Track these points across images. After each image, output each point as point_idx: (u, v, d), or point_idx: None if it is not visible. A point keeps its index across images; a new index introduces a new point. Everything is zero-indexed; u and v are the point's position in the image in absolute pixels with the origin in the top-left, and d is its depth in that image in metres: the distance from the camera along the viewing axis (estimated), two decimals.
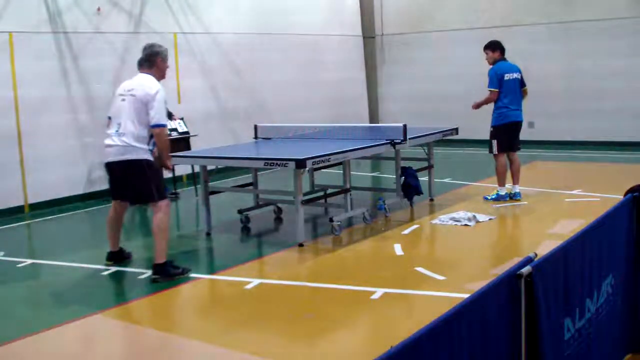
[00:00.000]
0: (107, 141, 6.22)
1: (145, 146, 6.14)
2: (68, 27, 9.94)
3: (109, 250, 6.65)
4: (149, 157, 6.18)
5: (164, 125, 6.17)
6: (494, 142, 8.72)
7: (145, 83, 6.19)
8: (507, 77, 8.67)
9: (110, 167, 6.28)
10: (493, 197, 8.75)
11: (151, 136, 6.16)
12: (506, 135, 8.72)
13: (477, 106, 8.92)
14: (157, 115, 6.07)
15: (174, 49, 11.48)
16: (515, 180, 8.87)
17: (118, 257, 6.66)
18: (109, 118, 6.36)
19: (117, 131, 6.13)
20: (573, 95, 13.85)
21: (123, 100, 6.17)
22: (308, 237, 7.40)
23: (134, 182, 6.21)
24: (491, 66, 8.76)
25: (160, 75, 6.39)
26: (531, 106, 14.21)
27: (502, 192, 8.73)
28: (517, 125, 8.83)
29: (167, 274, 6.14)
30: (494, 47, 8.81)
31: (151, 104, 6.05)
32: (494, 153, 8.74)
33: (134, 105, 6.10)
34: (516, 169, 8.85)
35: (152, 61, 6.34)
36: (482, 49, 8.88)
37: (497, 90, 8.62)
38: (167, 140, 6.36)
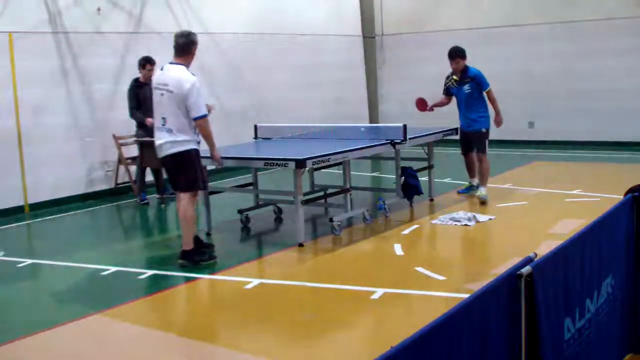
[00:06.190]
0: (157, 135, 6.40)
1: (191, 137, 6.36)
2: (68, 27, 9.94)
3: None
4: (194, 146, 6.42)
5: (204, 116, 6.31)
6: (487, 142, 8.92)
7: (178, 77, 6.24)
8: None
9: (164, 161, 6.48)
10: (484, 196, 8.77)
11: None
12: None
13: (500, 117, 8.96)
14: (196, 107, 6.23)
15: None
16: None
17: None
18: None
19: (163, 125, 6.32)
20: (573, 95, 13.85)
21: (162, 95, 6.30)
22: (308, 237, 7.40)
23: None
24: (469, 68, 8.86)
25: (190, 63, 6.47)
26: (531, 106, 14.30)
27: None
28: None
29: (193, 261, 6.47)
30: (464, 54, 8.85)
31: (189, 99, 6.19)
32: (485, 152, 8.89)
33: (172, 100, 6.23)
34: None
35: (188, 50, 6.42)
36: (449, 56, 8.84)
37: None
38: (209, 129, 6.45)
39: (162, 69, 6.50)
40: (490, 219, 7.84)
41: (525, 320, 2.79)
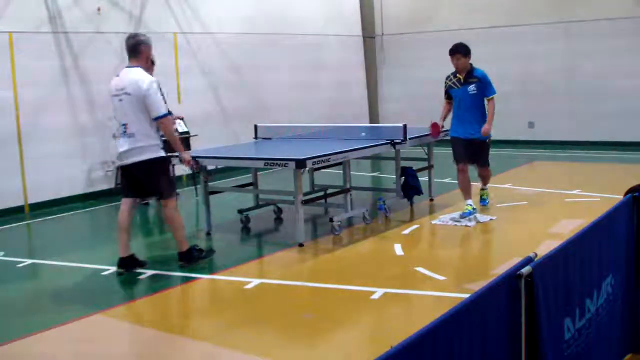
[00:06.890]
0: (120, 142, 6.22)
1: (156, 142, 6.20)
2: (68, 27, 9.94)
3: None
4: (162, 153, 6.27)
5: (166, 115, 6.16)
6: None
7: (135, 78, 6.11)
8: None
9: (127, 169, 6.28)
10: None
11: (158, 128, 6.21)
12: None
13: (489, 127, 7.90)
14: (155, 106, 6.07)
15: (174, 49, 11.48)
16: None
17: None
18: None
19: (124, 132, 6.16)
20: (573, 95, 13.86)
21: (120, 100, 6.17)
22: (308, 237, 7.40)
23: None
24: (475, 68, 7.93)
25: (146, 66, 6.33)
26: (531, 106, 14.31)
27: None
28: None
29: (191, 259, 6.45)
30: (467, 51, 7.88)
31: (148, 98, 6.04)
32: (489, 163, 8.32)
33: (132, 103, 6.09)
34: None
35: (138, 51, 6.26)
36: (450, 53, 7.93)
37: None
38: (173, 129, 6.31)
39: (117, 75, 6.32)
40: (490, 219, 7.83)
41: (525, 320, 2.79)
